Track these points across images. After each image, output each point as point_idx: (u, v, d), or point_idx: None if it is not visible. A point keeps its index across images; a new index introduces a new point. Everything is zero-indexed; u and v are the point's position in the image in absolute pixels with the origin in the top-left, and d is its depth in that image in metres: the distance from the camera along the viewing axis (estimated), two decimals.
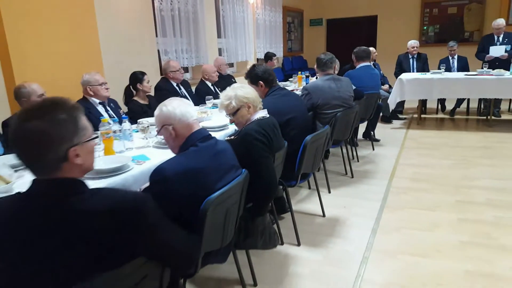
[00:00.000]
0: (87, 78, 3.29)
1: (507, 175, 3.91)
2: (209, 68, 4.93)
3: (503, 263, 2.39)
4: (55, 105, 1.07)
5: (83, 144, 1.10)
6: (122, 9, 4.68)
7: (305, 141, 2.54)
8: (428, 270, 2.37)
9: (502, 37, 6.55)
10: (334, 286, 2.27)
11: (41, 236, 1.02)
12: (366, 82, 4.37)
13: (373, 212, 3.20)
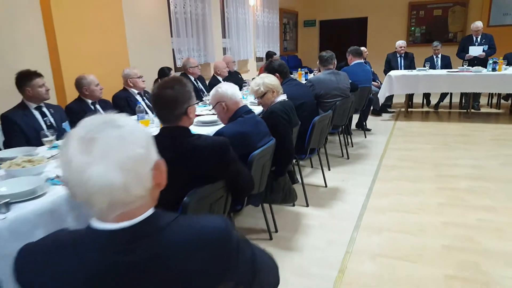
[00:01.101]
0: (127, 72, 3.89)
1: (479, 155, 4.60)
2: (220, 65, 5.55)
3: (472, 215, 3.06)
4: (178, 81, 1.69)
5: (193, 105, 1.72)
6: (144, 14, 5.28)
7: (314, 120, 3.18)
8: (411, 221, 3.02)
9: (480, 38, 7.26)
10: (337, 233, 2.90)
11: (171, 164, 1.64)
12: (360, 77, 5.03)
13: (366, 183, 3.86)
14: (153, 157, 0.84)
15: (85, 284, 0.79)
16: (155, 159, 0.85)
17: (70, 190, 0.81)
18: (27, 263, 0.85)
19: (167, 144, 1.64)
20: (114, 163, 0.76)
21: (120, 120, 0.83)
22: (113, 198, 0.78)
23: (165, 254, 0.83)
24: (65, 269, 0.81)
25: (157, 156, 0.86)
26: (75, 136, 0.79)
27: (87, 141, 0.77)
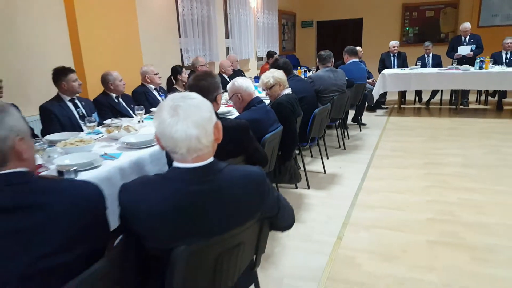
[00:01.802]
0: (145, 69, 4.29)
1: (465, 146, 5.03)
2: (225, 64, 5.96)
3: (454, 195, 3.48)
4: (209, 74, 2.09)
5: (220, 93, 2.13)
6: (154, 16, 5.67)
7: (315, 112, 3.60)
8: (400, 200, 3.44)
9: (468, 38, 7.70)
10: (336, 210, 3.31)
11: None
12: (355, 74, 5.45)
13: (361, 170, 4.27)
14: (214, 119, 1.25)
15: (174, 206, 1.20)
16: (215, 120, 1.26)
17: (161, 142, 1.22)
18: (128, 192, 1.26)
19: None
20: (191, 122, 1.17)
21: (193, 95, 1.24)
22: (190, 145, 1.19)
23: (225, 185, 1.25)
24: (157, 196, 1.22)
25: (216, 119, 1.27)
26: (166, 105, 1.20)
27: (174, 108, 1.18)
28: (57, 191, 1.08)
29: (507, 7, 9.85)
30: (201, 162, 1.23)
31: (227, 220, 1.29)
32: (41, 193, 1.06)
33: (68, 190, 1.11)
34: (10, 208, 0.99)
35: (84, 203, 1.11)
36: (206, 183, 1.23)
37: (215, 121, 1.25)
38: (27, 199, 1.02)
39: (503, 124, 6.25)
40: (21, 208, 1.00)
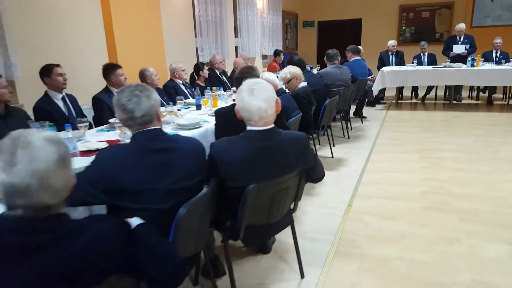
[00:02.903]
0: (174, 66, 4.85)
1: (457, 135, 5.62)
2: (240, 61, 6.52)
3: (446, 174, 4.07)
4: (251, 68, 2.67)
5: None
6: (175, 17, 6.23)
7: (325, 103, 4.18)
8: (399, 178, 4.02)
9: (463, 38, 8.29)
10: (345, 185, 3.88)
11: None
12: (358, 71, 6.03)
13: (364, 155, 4.85)
14: (275, 97, 1.83)
15: (249, 155, 1.78)
16: (276, 97, 1.83)
17: (240, 113, 1.80)
18: (217, 147, 1.83)
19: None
20: (262, 99, 1.75)
21: (261, 80, 1.82)
22: (261, 115, 1.76)
23: (282, 143, 1.83)
24: (237, 149, 1.80)
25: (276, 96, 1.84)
26: (244, 89, 1.77)
27: (250, 90, 1.76)
28: (181, 141, 1.66)
29: (498, 9, 10.44)
30: (267, 126, 1.81)
31: (281, 168, 1.87)
32: (173, 141, 1.64)
33: (188, 140, 1.69)
34: (159, 149, 1.57)
35: (197, 150, 1.69)
36: (270, 140, 1.81)
37: (276, 98, 1.83)
38: (167, 144, 1.60)
39: (492, 117, 6.85)
40: (165, 150, 1.58)
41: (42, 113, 3.29)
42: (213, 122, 2.95)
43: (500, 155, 4.65)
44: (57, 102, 3.43)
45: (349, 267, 2.48)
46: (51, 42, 4.19)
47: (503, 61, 7.76)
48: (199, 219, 1.72)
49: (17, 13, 3.79)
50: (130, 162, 1.50)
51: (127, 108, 1.56)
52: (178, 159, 1.61)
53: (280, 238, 2.83)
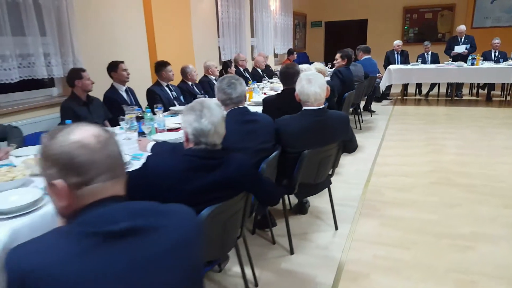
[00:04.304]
0: (208, 63, 5.48)
1: (457, 126, 6.27)
2: (260, 60, 7.17)
3: (447, 157, 4.71)
4: (294, 64, 3.30)
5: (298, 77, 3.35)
6: (201, 19, 6.86)
7: (345, 95, 4.82)
8: (408, 161, 4.66)
9: (464, 39, 8.92)
10: (362, 167, 4.51)
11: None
12: (369, 68, 6.67)
13: (376, 143, 5.49)
14: (326, 84, 2.47)
15: (306, 127, 2.43)
16: (326, 85, 2.48)
17: (299, 97, 2.45)
18: (281, 122, 2.48)
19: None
20: (318, 86, 2.40)
21: (316, 72, 2.46)
22: (316, 97, 2.41)
23: (330, 118, 2.47)
24: (297, 122, 2.44)
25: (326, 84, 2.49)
26: (303, 78, 2.42)
27: (309, 79, 2.41)
28: (260, 115, 2.31)
29: (498, 11, 11.06)
30: (319, 106, 2.45)
31: (328, 138, 2.52)
32: (255, 115, 2.28)
33: (264, 115, 2.34)
34: (248, 121, 2.22)
35: (271, 123, 2.34)
36: (321, 116, 2.46)
37: (326, 85, 2.48)
38: (252, 117, 2.25)
39: (490, 112, 7.49)
40: (252, 121, 2.23)
41: (111, 101, 3.93)
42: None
43: (495, 142, 5.29)
44: (122, 93, 4.06)
45: (372, 223, 3.13)
46: (104, 43, 4.82)
47: (501, 60, 8.39)
48: (271, 173, 2.37)
49: (80, 18, 4.40)
50: (232, 128, 2.13)
51: (226, 92, 2.20)
52: (260, 128, 2.25)
53: (313, 203, 3.48)
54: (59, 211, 0.95)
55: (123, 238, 0.86)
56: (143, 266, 0.87)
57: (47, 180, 0.92)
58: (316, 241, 2.90)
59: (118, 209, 0.90)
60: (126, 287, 0.85)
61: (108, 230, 0.85)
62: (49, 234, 0.87)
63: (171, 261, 0.93)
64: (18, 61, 3.77)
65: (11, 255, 0.81)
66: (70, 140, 0.89)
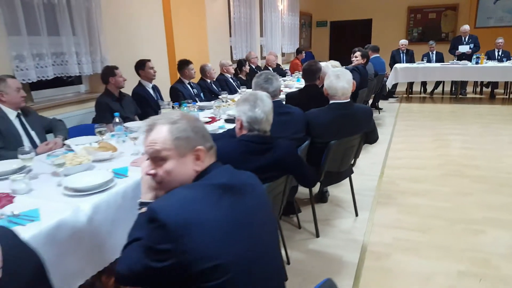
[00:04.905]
0: (223, 62, 5.71)
1: (462, 122, 6.49)
2: (271, 58, 7.39)
3: (455, 151, 4.93)
4: (316, 62, 3.53)
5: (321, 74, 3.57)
6: (215, 19, 7.09)
7: (359, 91, 5.05)
8: (418, 155, 4.88)
9: (467, 38, 9.14)
10: (376, 160, 4.72)
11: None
12: (377, 67, 6.89)
13: (387, 138, 5.70)
14: (352, 79, 2.70)
15: (333, 119, 2.66)
16: (353, 80, 2.70)
17: (327, 91, 2.67)
18: (311, 114, 2.70)
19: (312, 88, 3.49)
20: (345, 81, 2.63)
21: (344, 69, 2.69)
22: (343, 91, 2.64)
23: (356, 111, 2.70)
24: (325, 115, 2.67)
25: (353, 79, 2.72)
26: (331, 74, 2.65)
27: (337, 75, 2.63)
28: (293, 108, 2.54)
29: (500, 11, 11.28)
30: (346, 100, 2.68)
31: (353, 129, 2.74)
32: (289, 108, 2.51)
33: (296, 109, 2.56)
34: (283, 113, 2.44)
35: (302, 115, 2.57)
36: (348, 109, 2.68)
37: (353, 80, 2.70)
38: (287, 110, 2.48)
39: (494, 109, 7.71)
40: (286, 113, 2.45)
41: (139, 97, 4.16)
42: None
43: (501, 137, 5.52)
44: (149, 90, 4.29)
45: (389, 210, 3.36)
46: (126, 42, 5.04)
47: (505, 59, 8.61)
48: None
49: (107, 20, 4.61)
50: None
51: (263, 86, 2.42)
52: (293, 120, 2.48)
53: (332, 193, 3.71)
54: (185, 178, 1.20)
55: (233, 191, 1.11)
56: (250, 213, 1.12)
57: (191, 148, 1.19)
58: (339, 226, 3.13)
59: (223, 170, 1.16)
60: (247, 226, 1.11)
61: (226, 183, 1.12)
62: (185, 190, 1.11)
63: (264, 212, 1.19)
64: (53, 59, 3.99)
65: (163, 208, 1.04)
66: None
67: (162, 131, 1.18)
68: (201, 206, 1.06)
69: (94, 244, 1.75)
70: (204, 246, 1.01)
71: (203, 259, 1.01)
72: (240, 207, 1.11)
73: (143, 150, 1.31)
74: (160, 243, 1.01)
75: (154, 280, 1.06)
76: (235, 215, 1.09)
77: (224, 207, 1.08)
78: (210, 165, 1.22)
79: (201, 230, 1.02)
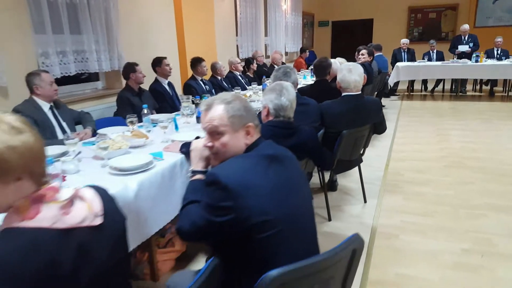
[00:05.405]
0: (232, 60, 5.92)
1: (463, 118, 6.71)
2: (277, 57, 7.60)
3: (457, 144, 5.15)
4: (327, 58, 3.74)
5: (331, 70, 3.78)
6: (222, 19, 7.30)
7: (365, 87, 5.26)
8: (421, 148, 5.10)
9: (467, 38, 9.36)
10: (381, 152, 4.93)
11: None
12: (381, 65, 7.12)
13: (391, 133, 5.91)
14: (363, 73, 2.91)
15: (346, 110, 2.87)
16: (363, 74, 2.92)
17: (340, 84, 2.89)
18: (326, 105, 2.92)
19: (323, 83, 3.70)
20: (357, 74, 2.84)
21: (356, 64, 2.90)
22: (355, 84, 2.86)
23: (366, 103, 2.92)
24: (338, 106, 2.89)
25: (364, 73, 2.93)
26: (344, 69, 2.87)
27: (349, 69, 2.85)
28: (310, 100, 2.74)
29: (499, 11, 11.50)
30: (358, 92, 2.89)
31: (363, 120, 2.96)
32: (306, 99, 2.72)
33: (311, 100, 2.77)
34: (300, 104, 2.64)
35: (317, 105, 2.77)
36: (360, 100, 2.90)
37: (364, 74, 2.92)
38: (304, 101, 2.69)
39: (494, 106, 7.94)
40: (303, 104, 2.66)
41: (156, 93, 4.36)
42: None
43: (501, 132, 5.74)
44: (165, 86, 4.50)
45: (396, 198, 3.57)
46: (140, 41, 5.24)
47: (504, 58, 8.84)
48: None
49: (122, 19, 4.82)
50: None
51: (282, 79, 2.64)
52: (310, 110, 2.70)
53: (341, 182, 3.92)
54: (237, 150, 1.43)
55: (278, 160, 1.33)
56: (292, 179, 1.34)
57: (243, 125, 1.41)
58: (349, 211, 3.34)
59: (268, 144, 1.38)
60: (290, 190, 1.32)
61: (272, 154, 1.33)
62: (240, 159, 1.34)
63: (302, 180, 1.40)
64: (74, 56, 4.19)
65: (224, 173, 1.25)
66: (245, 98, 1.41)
67: (219, 109, 1.39)
68: (254, 172, 1.27)
69: (137, 219, 1.95)
70: (257, 204, 1.22)
71: (256, 215, 1.22)
72: (284, 174, 1.33)
73: (202, 127, 1.50)
74: (222, 201, 1.22)
75: (214, 232, 1.27)
76: (280, 181, 1.30)
77: (271, 173, 1.29)
78: (257, 139, 1.43)
79: (255, 191, 1.23)
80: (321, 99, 3.07)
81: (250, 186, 1.23)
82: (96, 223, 1.03)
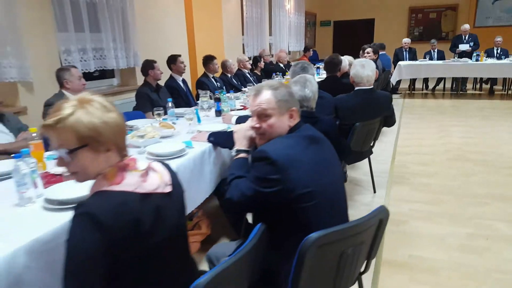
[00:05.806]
0: (240, 58, 6.10)
1: (464, 115, 6.91)
2: (283, 55, 7.79)
3: (459, 140, 5.34)
4: (338, 55, 3.92)
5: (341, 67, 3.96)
6: (230, 18, 7.48)
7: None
8: (425, 143, 5.29)
9: (468, 37, 9.56)
10: (386, 147, 5.11)
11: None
12: (384, 63, 7.31)
13: (395, 129, 6.06)
14: (375, 68, 3.10)
15: (359, 103, 3.07)
16: (375, 69, 3.10)
17: (353, 79, 3.08)
18: (339, 99, 3.10)
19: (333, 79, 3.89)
20: (370, 69, 3.03)
21: (368, 59, 3.09)
22: (368, 79, 3.05)
23: (378, 97, 3.11)
24: (352, 100, 3.08)
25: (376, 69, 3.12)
26: (357, 64, 3.05)
27: (362, 65, 3.04)
28: (325, 93, 2.93)
29: (498, 11, 11.71)
30: (370, 86, 3.08)
31: (375, 113, 3.14)
32: (322, 92, 2.90)
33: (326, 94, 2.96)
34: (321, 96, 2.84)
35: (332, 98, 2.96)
36: (371, 94, 3.08)
37: (376, 70, 3.10)
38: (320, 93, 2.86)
39: (493, 103, 8.14)
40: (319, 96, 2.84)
41: (172, 89, 4.53)
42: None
43: (501, 128, 5.94)
44: (180, 83, 4.67)
45: (403, 188, 3.76)
46: (154, 40, 5.42)
47: (503, 57, 9.04)
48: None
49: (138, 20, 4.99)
50: None
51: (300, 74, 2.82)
52: (326, 102, 2.88)
53: (350, 175, 4.11)
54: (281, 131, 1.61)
55: (316, 141, 1.51)
56: (328, 158, 1.52)
57: (287, 108, 1.60)
58: (360, 201, 3.53)
59: (308, 127, 1.57)
60: (327, 168, 1.52)
61: (311, 135, 1.51)
62: (285, 138, 1.53)
63: (336, 160, 1.58)
64: (93, 54, 4.37)
65: (273, 150, 1.44)
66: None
67: (267, 94, 1.58)
68: (297, 149, 1.46)
69: None
70: (302, 177, 1.41)
71: (300, 186, 1.40)
72: (321, 153, 1.52)
73: (249, 111, 1.69)
74: (270, 174, 1.41)
75: (261, 201, 1.46)
76: (319, 159, 1.49)
77: (311, 152, 1.48)
78: (298, 122, 1.62)
79: (299, 166, 1.42)
80: (331, 94, 3.25)
81: (294, 162, 1.41)
82: (167, 190, 1.21)
